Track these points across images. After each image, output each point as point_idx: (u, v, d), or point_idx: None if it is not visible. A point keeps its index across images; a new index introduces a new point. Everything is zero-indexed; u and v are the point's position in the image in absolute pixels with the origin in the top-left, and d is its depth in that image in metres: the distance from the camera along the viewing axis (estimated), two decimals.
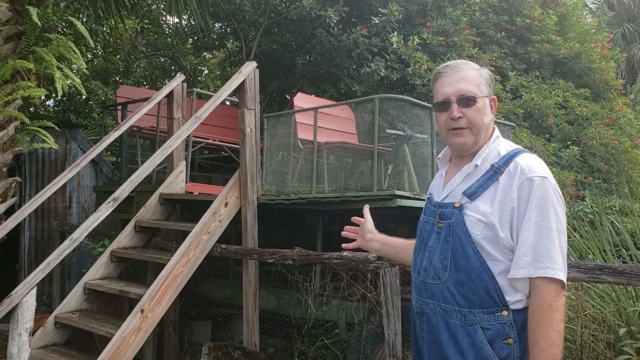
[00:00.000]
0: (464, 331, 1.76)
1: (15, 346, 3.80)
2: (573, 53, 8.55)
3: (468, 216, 1.79)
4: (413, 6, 8.42)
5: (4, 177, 5.08)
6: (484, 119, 1.88)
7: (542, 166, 1.78)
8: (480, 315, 1.74)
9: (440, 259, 1.84)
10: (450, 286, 1.80)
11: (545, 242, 1.69)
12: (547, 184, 1.73)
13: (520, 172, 1.75)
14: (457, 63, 1.94)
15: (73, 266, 7.87)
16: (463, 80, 1.87)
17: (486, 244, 1.75)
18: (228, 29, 10.91)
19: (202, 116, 4.91)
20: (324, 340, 5.04)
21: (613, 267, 2.78)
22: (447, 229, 1.84)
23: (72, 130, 8.34)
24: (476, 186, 1.82)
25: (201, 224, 4.83)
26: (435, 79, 1.96)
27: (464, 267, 1.78)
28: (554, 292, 1.68)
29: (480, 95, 1.87)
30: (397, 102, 5.50)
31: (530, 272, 1.69)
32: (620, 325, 3.63)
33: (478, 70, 1.92)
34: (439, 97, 1.91)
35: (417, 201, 4.55)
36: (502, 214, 1.74)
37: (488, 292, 1.74)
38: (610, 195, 7.14)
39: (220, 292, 5.85)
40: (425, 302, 1.89)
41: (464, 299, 1.77)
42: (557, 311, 1.67)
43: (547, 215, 1.71)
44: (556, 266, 1.69)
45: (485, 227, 1.75)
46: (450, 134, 1.90)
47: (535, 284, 1.70)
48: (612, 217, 5.42)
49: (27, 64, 4.76)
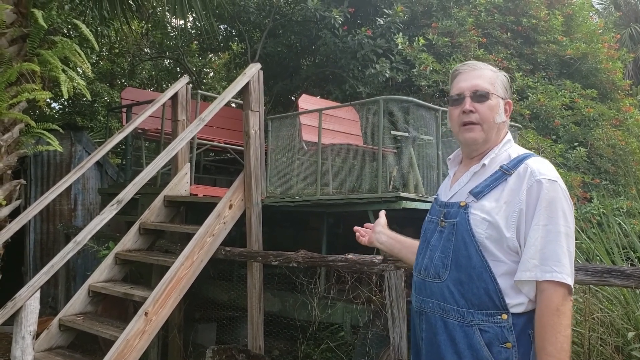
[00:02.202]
0: (461, 332, 1.74)
1: (18, 349, 3.79)
2: (580, 54, 8.50)
3: (473, 215, 1.78)
4: (418, 7, 8.39)
5: (8, 180, 5.08)
6: (496, 118, 1.87)
7: (553, 170, 1.77)
8: (479, 316, 1.72)
9: (441, 258, 1.83)
10: (450, 285, 1.78)
11: (554, 245, 1.67)
12: (556, 187, 1.72)
13: (530, 174, 1.74)
14: (476, 63, 1.96)
15: (78, 268, 7.88)
16: (479, 77, 1.89)
17: (490, 243, 1.74)
18: (233, 31, 10.92)
19: (206, 118, 4.90)
20: (329, 343, 5.01)
21: (621, 270, 2.74)
22: (451, 227, 1.83)
23: (77, 133, 8.35)
24: (483, 185, 1.81)
25: (205, 226, 4.82)
26: (453, 77, 1.97)
27: (465, 267, 1.76)
28: (561, 296, 1.65)
29: (494, 93, 1.87)
30: (402, 103, 5.47)
31: (537, 276, 1.67)
32: (628, 328, 3.58)
33: (495, 72, 1.94)
34: (454, 92, 1.92)
35: (423, 203, 4.53)
36: (509, 215, 1.73)
37: (488, 293, 1.72)
38: (617, 196, 7.08)
39: (224, 294, 5.84)
40: (424, 301, 1.88)
41: (463, 298, 1.75)
42: (565, 316, 1.64)
43: (556, 218, 1.69)
44: (564, 270, 1.66)
45: (489, 227, 1.74)
46: (462, 129, 1.89)
47: (542, 287, 1.67)
48: (620, 219, 5.37)
49: (33, 66, 4.76)
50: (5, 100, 4.73)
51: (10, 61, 4.91)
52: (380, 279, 4.08)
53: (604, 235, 4.64)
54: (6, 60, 4.90)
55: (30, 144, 5.38)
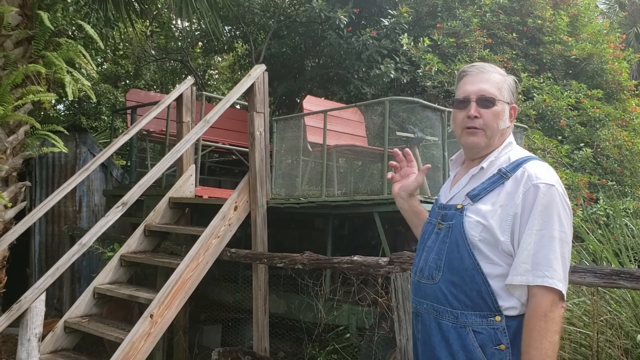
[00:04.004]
0: (455, 333, 1.74)
1: (24, 351, 3.79)
2: (585, 54, 8.45)
3: (468, 217, 1.78)
4: (423, 7, 8.37)
5: (14, 182, 5.09)
6: (500, 124, 1.86)
7: (551, 174, 1.75)
8: (473, 317, 1.72)
9: (435, 259, 1.83)
10: (442, 287, 1.79)
11: (546, 250, 1.66)
12: (553, 192, 1.70)
13: (527, 178, 1.73)
14: (484, 65, 1.93)
15: (83, 270, 7.88)
16: (486, 82, 1.86)
17: (483, 246, 1.73)
18: (237, 32, 10.92)
19: (211, 119, 4.89)
20: (334, 345, 4.99)
21: (630, 272, 2.72)
22: (447, 230, 1.83)
23: (82, 134, 8.36)
24: (480, 188, 1.81)
25: (211, 227, 4.81)
26: (459, 78, 1.94)
27: (457, 269, 1.76)
28: (550, 302, 1.64)
29: (500, 99, 1.85)
30: (407, 104, 5.45)
31: (529, 280, 1.66)
32: (637, 331, 3.55)
33: (503, 76, 1.91)
34: (459, 95, 1.90)
35: (428, 204, 4.49)
36: (504, 219, 1.72)
37: (481, 294, 1.72)
38: (624, 197, 7.04)
39: (230, 296, 5.83)
40: (419, 302, 1.89)
41: (456, 300, 1.75)
42: (553, 322, 1.63)
43: (550, 223, 1.67)
44: (555, 276, 1.65)
45: (484, 230, 1.73)
46: (465, 132, 1.88)
47: (532, 292, 1.66)
48: (627, 220, 5.33)
49: (38, 67, 4.77)
50: (10, 102, 4.74)
51: (15, 63, 4.92)
52: (386, 280, 4.06)
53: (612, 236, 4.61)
54: (11, 62, 4.91)
55: (36, 145, 5.38)
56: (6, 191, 4.93)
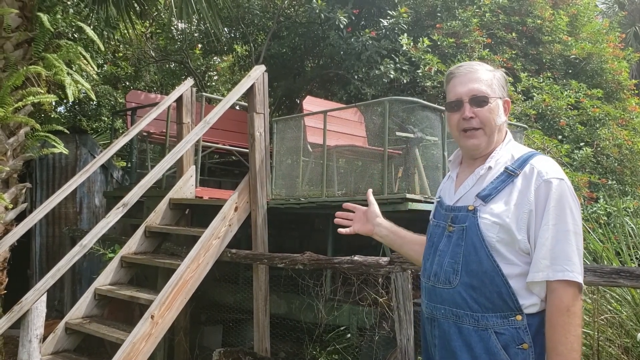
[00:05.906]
0: (477, 336, 1.72)
1: (25, 353, 3.79)
2: (585, 53, 8.46)
3: (483, 219, 1.75)
4: (422, 8, 8.37)
5: (15, 183, 5.09)
6: (497, 120, 1.86)
7: (558, 168, 1.76)
8: (494, 319, 1.71)
9: (450, 263, 1.80)
10: (461, 291, 1.76)
11: (563, 244, 1.67)
12: (563, 186, 1.71)
13: (537, 174, 1.73)
14: (471, 64, 1.92)
15: (84, 272, 7.89)
16: (476, 81, 1.86)
17: (501, 247, 1.72)
18: (237, 33, 10.92)
19: (211, 120, 4.90)
20: (335, 345, 4.99)
21: (630, 270, 2.72)
22: (460, 232, 1.80)
23: (82, 136, 8.37)
24: (490, 188, 1.79)
25: (211, 228, 4.81)
26: (448, 80, 1.93)
27: (476, 272, 1.74)
28: (571, 295, 1.65)
29: (492, 96, 1.85)
30: (407, 104, 5.45)
31: (549, 275, 1.66)
32: (637, 329, 3.55)
33: (492, 72, 1.90)
34: (451, 98, 1.89)
35: (429, 204, 4.50)
36: (520, 217, 1.71)
37: (501, 296, 1.71)
38: (624, 196, 7.04)
39: (230, 296, 5.83)
40: (436, 308, 1.85)
41: (476, 303, 1.73)
42: (575, 315, 1.63)
43: (564, 217, 1.68)
44: (575, 269, 1.66)
45: (501, 230, 1.72)
46: (463, 135, 1.88)
47: (552, 287, 1.66)
48: (627, 219, 5.33)
49: (39, 69, 4.78)
50: (10, 104, 4.74)
51: (15, 65, 4.93)
52: (386, 280, 4.06)
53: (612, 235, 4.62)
54: (12, 64, 4.91)
55: (36, 147, 5.39)
56: (7, 193, 4.94)
